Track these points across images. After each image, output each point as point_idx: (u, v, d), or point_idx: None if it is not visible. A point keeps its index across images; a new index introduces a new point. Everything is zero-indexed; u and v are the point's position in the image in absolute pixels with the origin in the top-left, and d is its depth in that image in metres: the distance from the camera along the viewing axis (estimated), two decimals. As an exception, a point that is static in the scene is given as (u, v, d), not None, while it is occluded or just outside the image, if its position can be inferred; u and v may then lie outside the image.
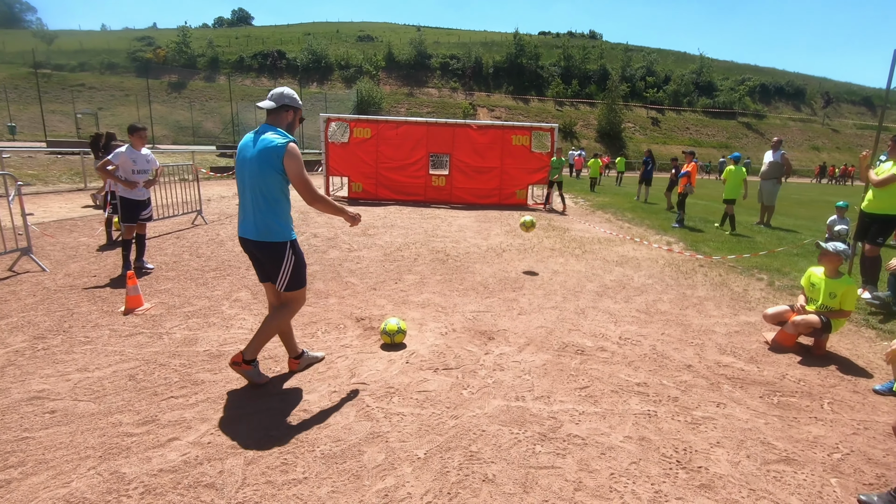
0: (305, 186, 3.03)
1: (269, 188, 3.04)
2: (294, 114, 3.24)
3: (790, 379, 3.71)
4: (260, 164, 3.01)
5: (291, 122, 3.23)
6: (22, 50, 57.13)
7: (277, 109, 3.14)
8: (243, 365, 3.19)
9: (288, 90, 3.23)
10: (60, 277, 5.63)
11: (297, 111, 3.26)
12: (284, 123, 3.18)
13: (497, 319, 4.75)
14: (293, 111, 3.23)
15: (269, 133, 3.06)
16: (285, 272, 3.16)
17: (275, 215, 3.08)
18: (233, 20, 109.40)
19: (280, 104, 3.14)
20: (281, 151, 2.98)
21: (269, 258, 3.14)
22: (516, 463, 2.56)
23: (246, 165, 3.09)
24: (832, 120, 70.13)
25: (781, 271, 6.94)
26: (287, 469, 2.45)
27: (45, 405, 2.95)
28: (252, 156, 3.05)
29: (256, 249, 3.14)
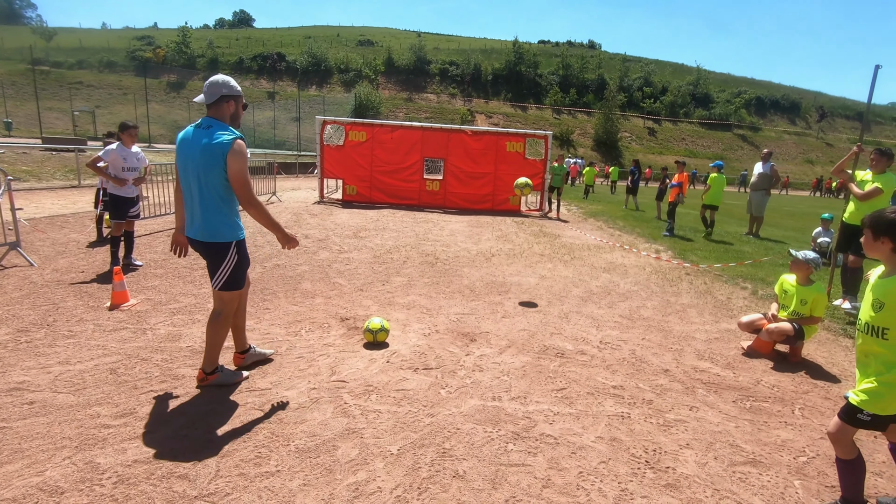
0: (243, 187, 2.91)
1: (215, 186, 2.93)
2: (235, 103, 3.04)
3: (764, 385, 3.77)
4: (205, 160, 2.88)
5: (234, 112, 3.06)
6: (21, 46, 57.04)
7: (216, 103, 2.97)
8: (208, 378, 3.19)
9: (223, 77, 3.01)
10: (48, 272, 5.64)
11: (237, 99, 3.05)
12: (227, 115, 3.01)
13: (480, 322, 4.80)
14: (233, 100, 3.02)
15: (213, 128, 2.91)
16: (224, 272, 3.07)
17: (222, 214, 3.00)
18: (233, 21, 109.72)
19: (218, 96, 2.96)
20: (226, 148, 2.85)
21: (211, 257, 3.07)
22: (487, 460, 2.60)
23: (189, 163, 2.94)
24: (826, 134, 70.88)
25: (766, 281, 7.02)
26: (260, 462, 2.49)
27: (25, 396, 2.97)
28: (196, 153, 2.91)
29: (202, 249, 3.08)
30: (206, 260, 3.12)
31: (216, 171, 2.89)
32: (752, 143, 63.85)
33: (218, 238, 3.02)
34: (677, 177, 11.89)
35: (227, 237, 3.04)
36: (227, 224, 3.03)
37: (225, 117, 3.00)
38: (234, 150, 2.86)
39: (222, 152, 2.86)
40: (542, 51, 77.25)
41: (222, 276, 3.08)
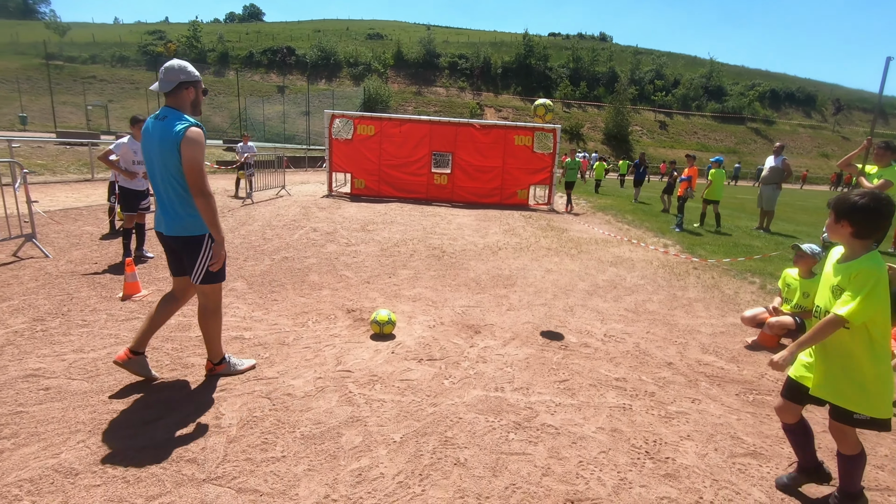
0: (196, 176, 2.78)
1: (177, 178, 2.84)
2: (195, 89, 2.94)
3: (768, 378, 3.77)
4: (163, 153, 2.80)
5: (195, 99, 2.95)
6: (35, 41, 57.76)
7: (175, 90, 2.86)
8: (216, 368, 3.24)
9: (178, 63, 2.89)
10: (63, 263, 5.77)
11: (196, 85, 2.94)
12: (187, 103, 2.91)
13: (485, 314, 4.83)
14: (192, 87, 2.92)
15: (169, 118, 2.82)
16: (202, 264, 2.99)
17: (189, 206, 2.90)
18: (244, 16, 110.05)
19: (175, 83, 2.85)
20: (179, 137, 2.75)
21: (186, 252, 3.00)
22: (489, 449, 2.65)
23: (153, 155, 2.87)
24: (843, 127, 69.64)
25: (774, 275, 6.96)
26: (267, 448, 2.55)
27: (41, 382, 3.07)
28: (155, 145, 2.83)
29: (173, 244, 3.01)
30: (181, 256, 3.04)
31: (174, 163, 2.80)
32: (765, 137, 62.93)
33: (188, 232, 2.93)
34: (687, 171, 11.78)
35: (198, 230, 2.95)
36: (196, 216, 2.92)
37: (184, 105, 2.90)
38: (188, 138, 2.76)
39: (176, 142, 2.76)
40: (552, 43, 76.59)
41: (200, 269, 3.00)
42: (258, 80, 59.71)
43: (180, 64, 2.88)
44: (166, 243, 3.07)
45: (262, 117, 46.03)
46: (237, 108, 46.02)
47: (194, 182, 2.79)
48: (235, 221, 9.27)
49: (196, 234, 2.95)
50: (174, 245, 3.02)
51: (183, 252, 3.01)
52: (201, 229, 2.95)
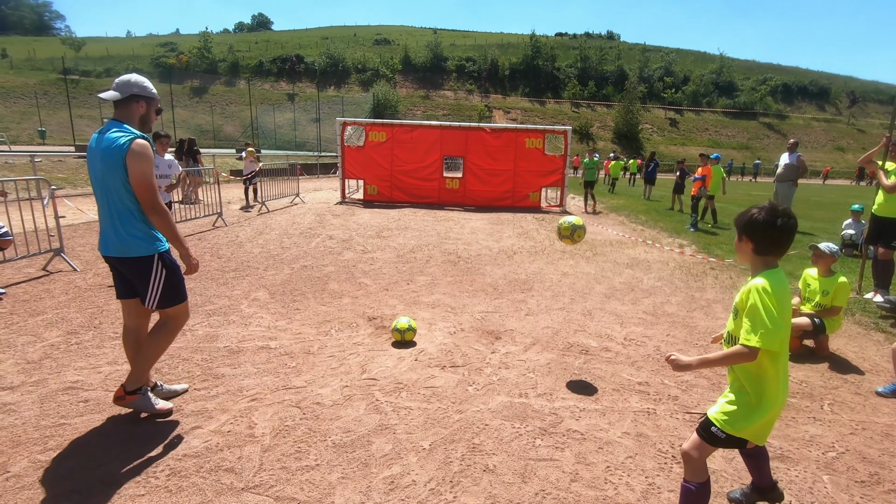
0: (147, 191, 2.63)
1: (121, 195, 2.66)
2: (147, 105, 2.80)
3: (792, 380, 3.76)
4: (106, 167, 2.63)
5: (145, 114, 2.81)
6: (52, 57, 59.15)
7: (125, 101, 2.72)
8: (127, 397, 2.84)
9: (136, 77, 2.76)
10: (90, 276, 5.93)
11: (150, 102, 2.80)
12: (135, 117, 2.76)
13: (505, 320, 4.88)
14: (145, 102, 2.77)
15: (114, 130, 2.65)
16: (155, 289, 2.80)
17: (134, 226, 2.71)
18: (253, 25, 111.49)
19: (126, 94, 2.70)
20: (123, 150, 2.58)
21: (134, 275, 2.80)
22: (516, 455, 2.69)
23: (96, 171, 2.70)
24: (858, 120, 68.48)
25: (793, 274, 6.90)
26: (300, 456, 2.62)
27: (80, 395, 3.18)
28: (98, 160, 2.66)
29: (120, 266, 2.80)
30: (131, 279, 2.83)
31: (118, 178, 2.63)
32: (778, 132, 62.12)
33: (133, 252, 2.72)
34: (701, 170, 11.72)
35: (146, 250, 2.75)
36: (140, 236, 2.73)
37: (132, 119, 2.75)
38: (133, 151, 2.59)
39: (121, 155, 2.59)
40: (559, 43, 76.44)
41: (154, 294, 2.81)
42: (268, 89, 60.45)
43: (137, 78, 2.76)
44: (111, 265, 2.86)
45: (273, 125, 46.58)
46: (248, 116, 46.63)
47: (146, 199, 2.63)
48: (253, 231, 9.42)
49: (142, 254, 2.74)
50: (119, 267, 2.81)
51: (131, 275, 2.81)
52: (148, 249, 2.75)
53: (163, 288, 2.83)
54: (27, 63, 60.33)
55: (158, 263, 2.80)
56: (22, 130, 42.24)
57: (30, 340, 4.02)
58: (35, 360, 3.67)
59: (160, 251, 2.81)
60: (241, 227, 9.84)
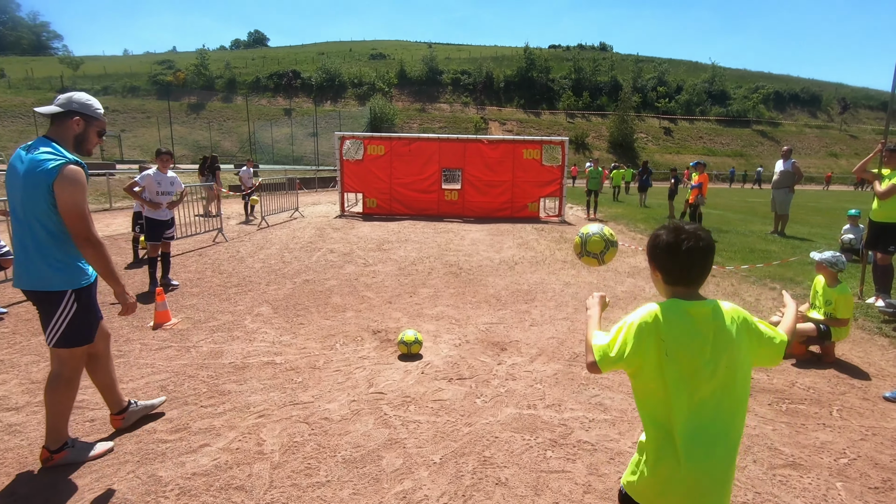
0: (80, 221, 2.38)
1: (43, 221, 2.41)
2: (85, 124, 2.55)
3: (799, 387, 3.76)
4: (27, 190, 2.38)
5: (81, 134, 2.55)
6: (49, 76, 59.52)
7: (62, 116, 2.49)
8: (54, 457, 2.60)
9: (80, 94, 2.56)
10: (92, 295, 5.90)
11: (88, 121, 2.56)
12: (70, 136, 2.52)
13: (509, 331, 4.87)
14: (83, 120, 2.54)
15: (43, 150, 2.39)
16: (58, 324, 2.50)
17: (52, 256, 2.45)
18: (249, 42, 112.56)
19: (64, 110, 2.48)
20: (52, 176, 2.33)
21: (41, 308, 2.54)
22: (528, 467, 2.68)
23: (15, 191, 2.45)
24: (850, 126, 69.18)
25: (794, 280, 6.94)
26: (311, 473, 2.60)
27: (86, 414, 3.16)
28: (19, 180, 2.40)
29: (32, 298, 2.55)
30: (38, 311, 2.57)
31: (41, 203, 2.37)
32: (772, 139, 62.68)
33: (45, 286, 2.47)
34: (697, 178, 11.80)
35: (58, 285, 2.46)
36: (58, 268, 2.46)
37: (66, 137, 2.51)
38: (64, 176, 2.34)
39: (47, 181, 2.34)
40: (553, 55, 77.34)
41: (56, 329, 2.51)
42: (265, 105, 60.79)
43: (81, 94, 2.56)
44: (30, 300, 2.59)
45: (271, 140, 46.81)
46: (246, 132, 46.86)
47: (78, 229, 2.38)
48: (253, 246, 9.42)
49: (55, 289, 2.47)
50: (32, 299, 2.56)
51: (39, 307, 2.55)
52: (62, 284, 2.48)
53: (66, 325, 2.52)
54: (25, 82, 60.63)
55: (70, 298, 2.51)
56: (19, 149, 42.26)
57: (33, 360, 3.99)
58: (39, 379, 3.64)
59: (77, 287, 2.52)
60: (241, 242, 9.84)
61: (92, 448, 2.73)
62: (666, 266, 1.50)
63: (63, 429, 2.64)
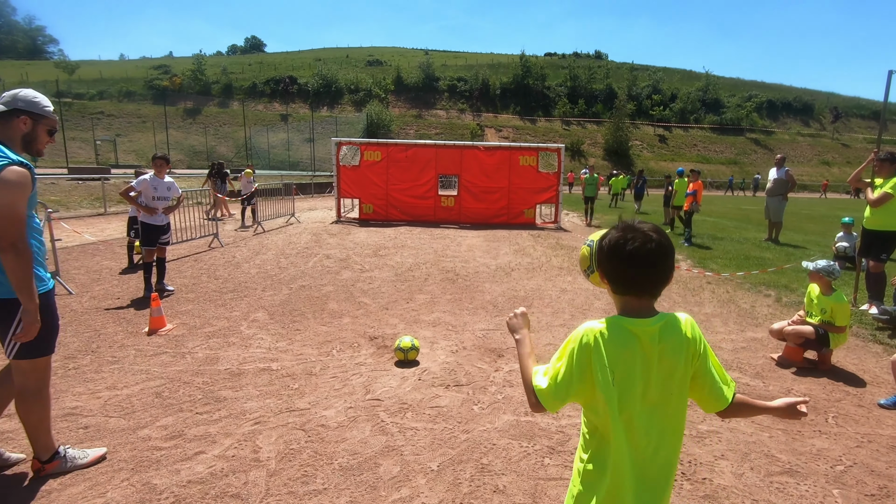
0: (8, 224, 2.19)
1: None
2: (33, 123, 2.41)
3: (795, 394, 3.77)
4: None
5: (29, 133, 2.42)
6: (45, 80, 59.26)
7: (6, 115, 2.35)
8: (46, 467, 2.58)
9: (26, 91, 2.44)
10: (86, 300, 5.87)
11: (37, 119, 2.43)
12: (17, 135, 2.38)
13: (506, 337, 4.87)
14: (30, 119, 2.40)
15: None
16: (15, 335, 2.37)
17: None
18: (246, 48, 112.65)
19: (9, 109, 2.35)
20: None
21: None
22: (526, 475, 2.67)
23: None
24: (842, 134, 69.92)
25: (789, 287, 6.98)
26: (307, 480, 2.58)
27: (79, 421, 3.12)
28: None
29: None
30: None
31: None
32: (765, 147, 63.24)
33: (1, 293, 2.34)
34: (692, 185, 11.88)
35: (8, 292, 2.33)
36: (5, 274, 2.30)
37: (13, 137, 2.37)
38: (3, 178, 2.19)
39: None
40: (548, 63, 77.84)
41: (14, 341, 2.39)
42: (262, 110, 60.80)
43: (27, 92, 2.43)
44: None
45: (267, 145, 46.75)
46: (242, 137, 46.80)
47: (5, 232, 2.19)
48: (249, 251, 9.39)
49: (9, 296, 2.33)
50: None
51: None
52: (11, 292, 2.31)
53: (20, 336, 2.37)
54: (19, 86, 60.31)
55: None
56: (13, 153, 42.01)
57: (26, 366, 3.95)
58: (32, 386, 3.60)
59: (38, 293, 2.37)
60: (237, 247, 9.81)
61: (85, 456, 2.70)
62: (612, 272, 1.30)
63: (47, 439, 2.58)
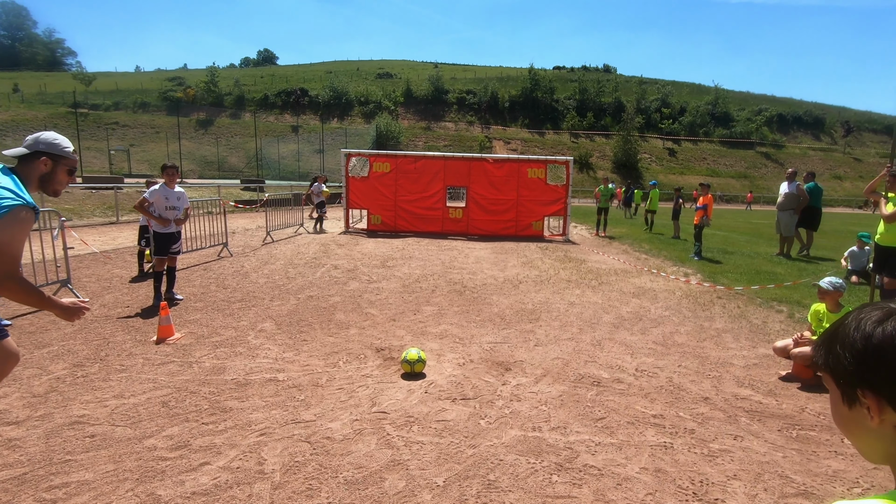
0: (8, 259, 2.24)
1: None
2: (53, 164, 2.49)
3: (810, 412, 3.69)
4: None
5: (48, 174, 2.49)
6: (62, 91, 60.59)
7: (29, 157, 2.46)
8: None
9: (49, 134, 2.53)
10: (96, 308, 5.91)
11: (57, 161, 2.50)
12: (35, 175, 2.47)
13: (514, 350, 4.83)
14: (51, 160, 2.49)
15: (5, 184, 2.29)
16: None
17: None
18: (258, 60, 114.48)
19: (31, 151, 2.46)
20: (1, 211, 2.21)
21: None
22: (533, 492, 2.62)
23: None
24: (853, 149, 69.31)
25: (801, 303, 6.87)
26: (312, 494, 2.56)
27: (86, 430, 3.13)
28: None
29: None
30: None
31: None
32: (776, 161, 62.82)
33: None
34: (702, 199, 11.80)
35: None
36: None
37: (31, 176, 2.46)
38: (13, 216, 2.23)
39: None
40: (557, 76, 78.24)
41: None
42: (273, 121, 61.58)
43: (49, 135, 2.51)
44: None
45: (277, 156, 47.28)
46: (253, 148, 47.37)
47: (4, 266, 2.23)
48: (258, 261, 9.44)
49: None
50: None
51: None
52: None
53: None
54: (38, 97, 61.74)
55: None
56: (30, 162, 42.79)
57: (35, 373, 3.98)
58: (41, 393, 3.63)
59: None
60: (245, 257, 9.87)
61: None
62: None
63: None
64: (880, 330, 0.68)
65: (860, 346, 0.69)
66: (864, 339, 0.69)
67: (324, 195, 15.18)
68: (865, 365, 0.68)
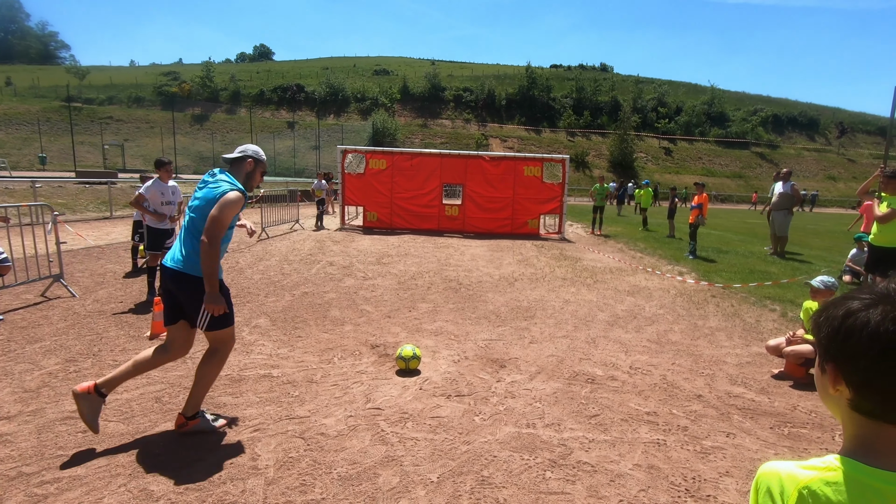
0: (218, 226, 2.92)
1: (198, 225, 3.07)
2: (255, 166, 3.28)
3: (801, 410, 3.72)
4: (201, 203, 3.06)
5: (251, 172, 3.28)
6: (56, 85, 60.04)
7: (238, 160, 3.25)
8: (189, 423, 3.03)
9: (254, 147, 3.33)
10: (89, 303, 5.88)
11: (257, 163, 3.29)
12: (242, 172, 3.23)
13: (509, 348, 4.84)
14: (254, 163, 3.29)
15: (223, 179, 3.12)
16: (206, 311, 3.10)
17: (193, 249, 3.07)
18: (254, 55, 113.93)
19: (242, 155, 3.25)
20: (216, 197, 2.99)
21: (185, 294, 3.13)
22: (527, 488, 2.63)
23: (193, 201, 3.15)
24: (847, 150, 69.77)
25: (795, 302, 6.92)
26: (305, 490, 2.55)
27: (78, 425, 3.10)
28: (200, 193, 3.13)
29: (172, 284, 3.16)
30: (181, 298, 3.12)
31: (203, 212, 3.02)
32: (770, 161, 63.14)
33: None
34: (697, 198, 11.85)
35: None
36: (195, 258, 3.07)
37: (239, 174, 3.21)
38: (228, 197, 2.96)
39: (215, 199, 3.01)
40: (554, 75, 78.30)
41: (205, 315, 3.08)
42: (269, 117, 61.31)
43: (254, 146, 3.31)
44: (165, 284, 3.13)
45: (273, 152, 47.09)
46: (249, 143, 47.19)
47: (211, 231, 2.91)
48: (252, 257, 9.41)
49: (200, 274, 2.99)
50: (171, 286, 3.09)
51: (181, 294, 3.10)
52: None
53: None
54: (31, 91, 61.16)
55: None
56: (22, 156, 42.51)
57: (27, 368, 3.95)
58: (33, 388, 3.60)
59: None
60: (240, 253, 9.83)
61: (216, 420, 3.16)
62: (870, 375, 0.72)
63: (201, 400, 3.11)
64: (863, 315, 0.73)
65: (836, 324, 0.76)
66: (843, 317, 0.75)
67: (317, 194, 15.19)
68: (834, 341, 0.76)
